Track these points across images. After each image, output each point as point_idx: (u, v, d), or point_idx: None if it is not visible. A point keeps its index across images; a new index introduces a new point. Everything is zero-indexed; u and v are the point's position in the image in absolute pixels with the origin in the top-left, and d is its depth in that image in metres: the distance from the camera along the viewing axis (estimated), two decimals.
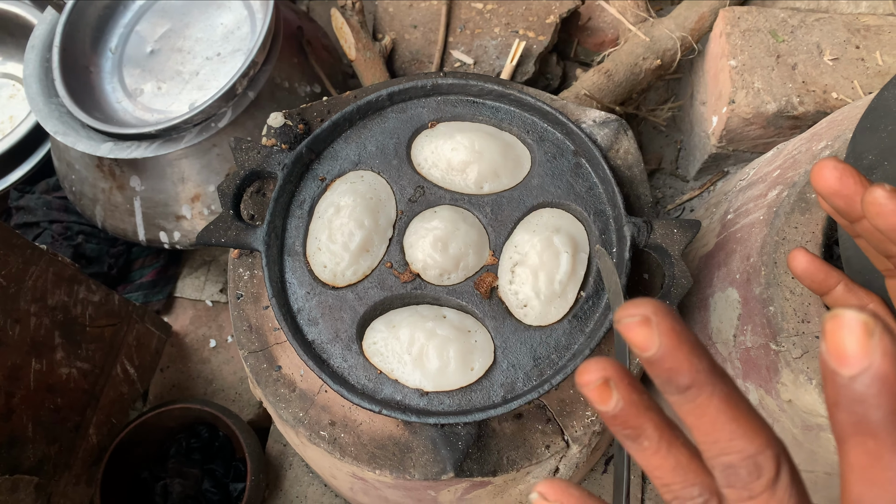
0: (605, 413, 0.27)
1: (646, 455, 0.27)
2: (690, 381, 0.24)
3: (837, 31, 1.03)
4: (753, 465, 0.25)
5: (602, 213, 0.72)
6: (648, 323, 0.24)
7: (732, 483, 0.25)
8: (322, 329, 0.69)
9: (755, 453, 0.25)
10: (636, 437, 0.27)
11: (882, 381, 0.21)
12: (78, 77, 1.03)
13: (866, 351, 0.21)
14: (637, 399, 0.26)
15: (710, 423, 0.25)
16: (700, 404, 0.25)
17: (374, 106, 0.78)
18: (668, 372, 0.25)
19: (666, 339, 0.24)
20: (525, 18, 1.12)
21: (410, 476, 0.64)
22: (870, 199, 0.33)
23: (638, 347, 0.24)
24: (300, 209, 0.74)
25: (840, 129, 0.72)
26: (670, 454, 0.27)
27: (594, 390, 0.26)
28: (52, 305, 0.87)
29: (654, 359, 0.24)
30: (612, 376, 0.26)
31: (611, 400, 0.26)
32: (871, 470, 0.22)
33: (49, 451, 0.89)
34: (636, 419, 0.27)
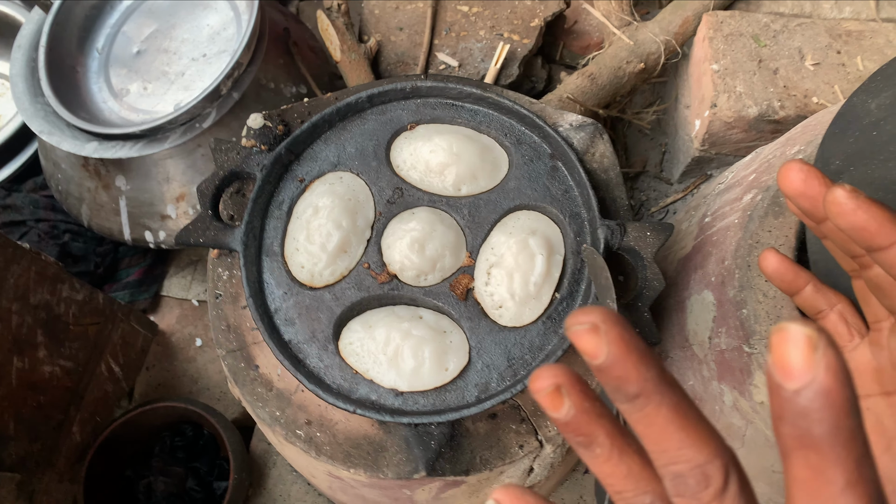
0: (558, 420, 0.27)
1: (598, 462, 0.27)
2: (639, 390, 0.24)
3: (819, 36, 1.04)
4: (702, 475, 0.25)
5: (577, 216, 0.73)
6: (597, 331, 0.24)
7: (681, 492, 0.25)
8: (299, 329, 0.69)
9: (703, 463, 0.25)
10: (588, 444, 0.27)
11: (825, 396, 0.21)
12: (64, 77, 1.04)
13: (810, 365, 0.21)
14: (589, 406, 0.26)
15: (659, 432, 0.25)
16: (648, 413, 0.25)
17: (353, 108, 0.78)
18: (617, 380, 0.25)
19: (614, 347, 0.24)
20: (510, 21, 1.12)
21: (384, 475, 0.65)
22: (830, 199, 0.34)
23: (587, 355, 0.25)
24: (279, 210, 0.74)
25: (813, 134, 0.73)
26: (622, 462, 0.27)
27: (546, 397, 0.26)
28: (35, 304, 0.87)
29: (602, 367, 0.24)
30: (563, 383, 0.26)
31: (562, 407, 0.26)
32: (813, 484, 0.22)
33: (32, 448, 0.90)
34: (588, 426, 0.27)
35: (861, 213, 0.34)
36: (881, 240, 0.34)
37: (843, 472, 0.22)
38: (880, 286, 0.40)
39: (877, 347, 0.44)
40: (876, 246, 0.34)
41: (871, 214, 0.33)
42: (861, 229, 0.34)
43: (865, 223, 0.34)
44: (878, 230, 0.34)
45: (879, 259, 0.35)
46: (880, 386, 0.44)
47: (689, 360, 0.82)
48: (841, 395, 0.21)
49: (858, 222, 0.34)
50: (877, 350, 0.44)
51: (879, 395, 0.44)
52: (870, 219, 0.33)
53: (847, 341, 0.47)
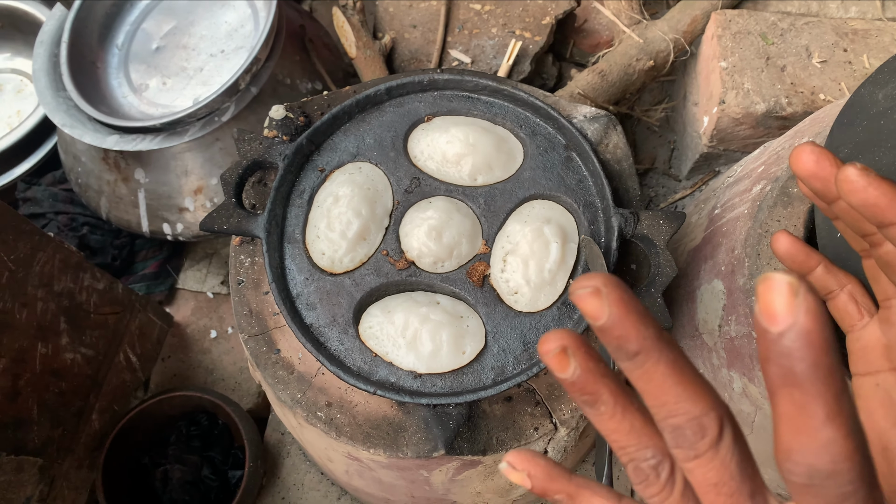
0: (565, 380, 0.28)
1: (602, 419, 0.29)
2: (638, 348, 0.26)
3: (826, 34, 1.06)
4: (698, 426, 0.26)
5: (591, 205, 0.75)
6: (599, 294, 0.25)
7: (679, 443, 0.27)
8: (320, 313, 0.71)
9: (700, 415, 0.26)
10: (593, 402, 0.29)
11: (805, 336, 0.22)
12: (85, 72, 1.06)
13: (791, 309, 0.22)
14: (593, 367, 0.28)
15: (658, 387, 0.26)
16: (648, 369, 0.26)
17: (372, 100, 0.80)
18: (618, 339, 0.26)
19: (615, 308, 0.25)
20: (522, 19, 1.14)
21: (403, 454, 0.67)
22: (842, 177, 0.35)
23: (590, 317, 0.26)
24: (300, 198, 0.76)
25: (821, 126, 0.75)
26: (625, 418, 0.29)
27: (553, 358, 0.28)
28: (58, 291, 0.89)
29: (604, 327, 0.26)
30: (569, 345, 0.28)
31: (569, 367, 0.28)
32: (797, 419, 0.24)
33: (53, 434, 0.92)
34: (593, 385, 0.28)
35: (872, 190, 0.35)
36: (892, 215, 0.35)
37: (823, 405, 0.23)
38: (890, 263, 0.41)
39: (886, 325, 0.45)
40: (887, 221, 0.36)
41: (882, 191, 0.35)
42: (872, 205, 0.35)
43: (876, 199, 0.35)
44: (889, 205, 0.35)
45: (890, 234, 0.37)
46: (890, 362, 0.45)
47: (700, 348, 0.84)
48: (820, 335, 0.22)
49: (870, 198, 0.35)
50: (886, 327, 0.45)
51: (889, 370, 0.45)
52: (881, 195, 0.35)
53: (857, 320, 0.48)
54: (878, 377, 0.46)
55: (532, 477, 0.32)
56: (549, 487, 0.32)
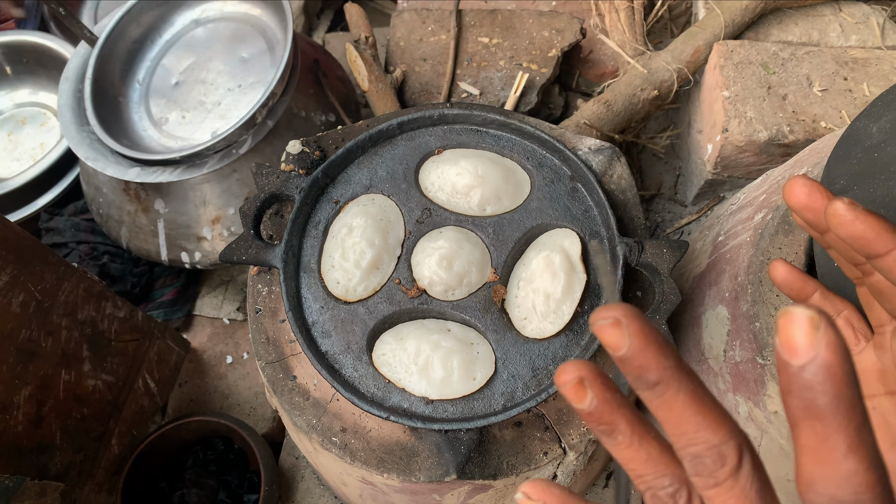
0: (582, 410, 0.29)
1: (620, 448, 0.30)
2: (658, 378, 0.27)
3: (826, 63, 1.08)
4: (717, 455, 0.27)
5: (597, 234, 0.77)
6: (619, 325, 0.26)
7: (699, 472, 0.27)
8: (335, 341, 0.74)
9: (719, 443, 0.27)
10: (610, 432, 0.29)
11: (827, 370, 0.23)
12: (107, 106, 1.10)
13: (813, 343, 0.23)
14: (610, 397, 0.29)
15: (678, 416, 0.27)
16: (668, 399, 0.27)
17: (385, 134, 0.83)
18: (638, 369, 0.27)
19: (635, 339, 0.26)
20: (528, 52, 1.18)
21: (416, 479, 0.69)
22: (831, 211, 0.37)
23: (610, 347, 0.27)
24: (315, 229, 0.79)
25: (820, 156, 0.77)
26: (642, 447, 0.29)
27: (571, 389, 0.29)
28: (82, 320, 0.92)
29: (624, 357, 0.27)
30: (586, 376, 0.29)
31: (586, 398, 0.28)
32: (819, 450, 0.24)
33: (75, 458, 0.94)
34: (610, 415, 0.29)
35: (859, 224, 0.37)
36: (878, 247, 0.37)
37: (844, 438, 0.24)
38: (881, 291, 0.43)
39: (880, 350, 0.47)
40: (874, 253, 0.38)
41: (868, 224, 0.37)
42: (859, 238, 0.37)
43: (863, 232, 0.37)
44: (875, 238, 0.37)
45: (878, 265, 0.39)
46: (885, 386, 0.47)
47: (705, 373, 0.86)
48: (841, 368, 0.23)
49: (857, 231, 0.37)
50: (880, 352, 0.47)
51: (884, 394, 0.47)
52: (867, 228, 0.37)
53: (853, 345, 0.50)
54: (873, 401, 0.47)
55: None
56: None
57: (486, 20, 1.23)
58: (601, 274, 0.68)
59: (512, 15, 1.23)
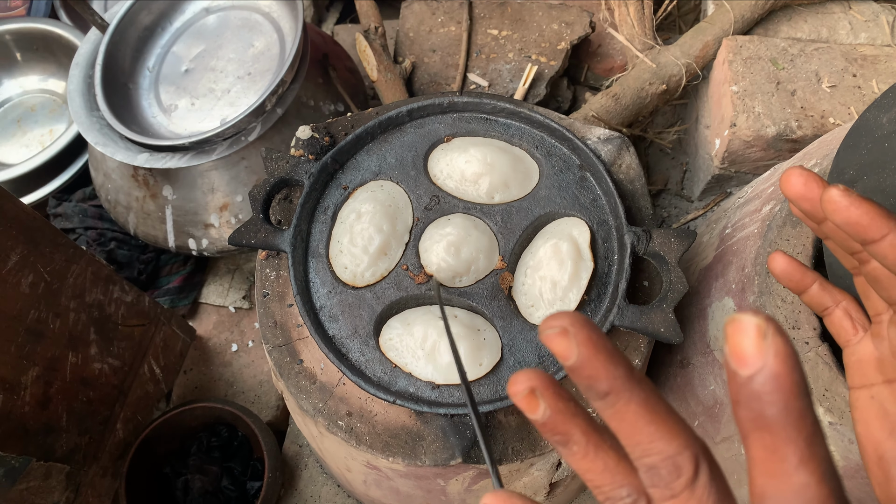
0: (536, 421, 0.28)
1: (576, 458, 0.29)
2: (608, 388, 0.26)
3: (835, 60, 1.08)
4: (673, 466, 0.26)
5: (605, 223, 0.77)
6: (566, 334, 0.26)
7: (655, 483, 0.27)
8: (342, 325, 0.74)
9: (674, 454, 0.26)
10: (565, 442, 0.28)
11: (775, 380, 0.22)
12: (117, 93, 1.10)
13: (760, 352, 0.22)
14: (563, 407, 0.28)
15: (630, 426, 0.26)
16: (619, 409, 0.26)
17: (394, 121, 0.84)
18: (588, 379, 0.26)
19: (584, 348, 0.25)
20: (538, 44, 1.18)
21: (421, 462, 0.69)
22: (826, 198, 0.37)
23: (559, 357, 0.26)
24: (324, 215, 0.79)
25: (829, 149, 0.77)
26: (598, 457, 0.28)
27: (523, 399, 0.28)
28: (89, 303, 0.92)
29: (574, 367, 0.26)
30: (537, 386, 0.28)
31: (538, 409, 0.28)
32: (769, 462, 0.24)
33: (80, 441, 0.94)
34: (563, 425, 0.28)
35: (854, 209, 0.37)
36: (873, 232, 0.37)
37: (794, 450, 0.23)
38: (878, 279, 0.43)
39: (878, 339, 0.47)
40: (869, 238, 0.38)
41: (863, 210, 0.37)
42: (854, 224, 0.37)
43: (858, 218, 0.37)
44: (870, 223, 0.37)
45: (874, 251, 0.38)
46: (883, 375, 0.47)
47: (711, 365, 0.86)
48: (789, 378, 0.22)
49: (852, 217, 0.37)
50: (878, 341, 0.47)
51: (882, 383, 0.47)
52: (862, 213, 0.37)
53: (852, 335, 0.50)
54: (872, 390, 0.47)
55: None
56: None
57: (495, 12, 1.23)
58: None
59: (522, 7, 1.23)
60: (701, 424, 0.88)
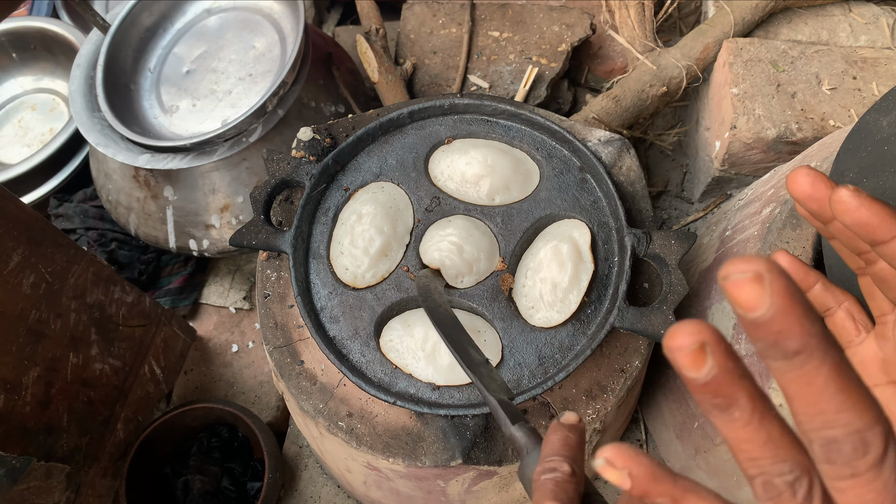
0: (694, 380, 0.25)
1: (735, 427, 0.25)
2: (801, 346, 0.23)
3: (836, 62, 1.08)
4: (860, 441, 0.23)
5: (605, 225, 0.77)
6: (760, 280, 0.23)
7: (833, 459, 0.24)
8: (343, 326, 0.74)
9: (863, 429, 0.23)
10: (727, 406, 0.25)
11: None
12: (119, 94, 1.10)
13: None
14: (732, 367, 0.24)
15: (817, 392, 0.24)
16: (808, 372, 0.23)
17: (395, 123, 0.84)
18: (778, 335, 0.23)
19: (779, 298, 0.23)
20: (538, 46, 1.18)
21: (422, 463, 0.69)
22: (836, 198, 0.37)
23: (745, 307, 0.23)
24: (325, 216, 0.80)
25: (829, 151, 0.77)
26: (762, 427, 0.25)
27: (687, 356, 0.24)
28: (90, 303, 0.93)
29: (762, 320, 0.23)
30: (708, 341, 0.24)
31: (704, 367, 0.24)
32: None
33: (81, 441, 0.95)
34: (730, 387, 0.25)
35: (864, 210, 0.37)
36: (883, 233, 0.37)
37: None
38: (885, 279, 0.43)
39: (882, 339, 0.47)
40: (879, 239, 0.38)
41: (873, 210, 0.37)
42: (864, 224, 0.37)
43: (868, 219, 0.37)
44: (880, 224, 0.37)
45: (882, 252, 0.39)
46: (887, 375, 0.47)
47: None
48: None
49: (862, 218, 0.37)
50: (882, 342, 0.47)
51: (886, 384, 0.47)
52: (872, 214, 0.37)
53: (854, 336, 0.50)
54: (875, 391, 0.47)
55: (633, 477, 0.28)
56: (652, 490, 0.28)
57: (496, 14, 1.23)
58: None
59: (522, 9, 1.23)
60: (701, 426, 0.88)
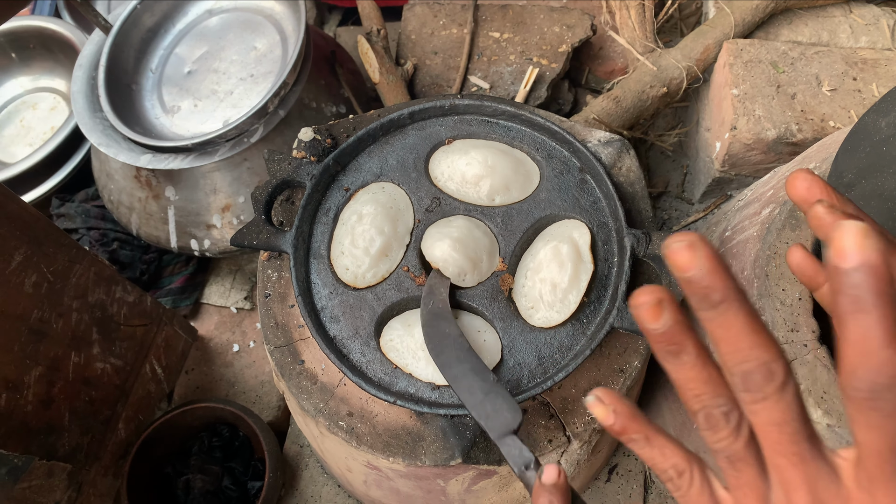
0: (654, 331, 0.31)
1: (684, 369, 0.32)
2: (723, 297, 0.29)
3: (836, 63, 1.09)
4: (767, 371, 0.29)
5: (605, 226, 0.77)
6: (693, 248, 0.29)
7: (749, 387, 0.30)
8: (343, 326, 0.74)
9: (769, 360, 0.29)
10: (678, 352, 0.31)
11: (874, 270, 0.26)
12: (121, 94, 1.11)
13: (863, 248, 0.26)
14: (682, 319, 0.31)
15: (736, 333, 0.29)
16: (729, 317, 0.29)
17: (396, 123, 0.84)
18: (706, 289, 0.29)
19: (706, 261, 0.29)
20: (539, 47, 1.18)
21: (421, 462, 0.69)
22: (812, 214, 0.38)
23: (680, 268, 0.29)
24: (326, 216, 0.80)
25: (828, 152, 0.78)
26: (705, 369, 0.31)
27: (648, 309, 0.30)
28: (92, 303, 0.93)
29: (694, 278, 0.29)
30: (664, 298, 0.30)
31: (661, 318, 0.30)
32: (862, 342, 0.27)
33: (82, 441, 0.95)
34: (681, 335, 0.31)
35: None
36: None
37: (884, 330, 0.26)
38: None
39: None
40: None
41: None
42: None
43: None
44: None
45: None
46: None
47: None
48: (884, 270, 0.26)
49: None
50: None
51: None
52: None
53: None
54: None
55: (616, 413, 0.35)
56: (629, 426, 0.35)
57: (497, 15, 1.23)
58: None
59: (523, 10, 1.24)
60: None
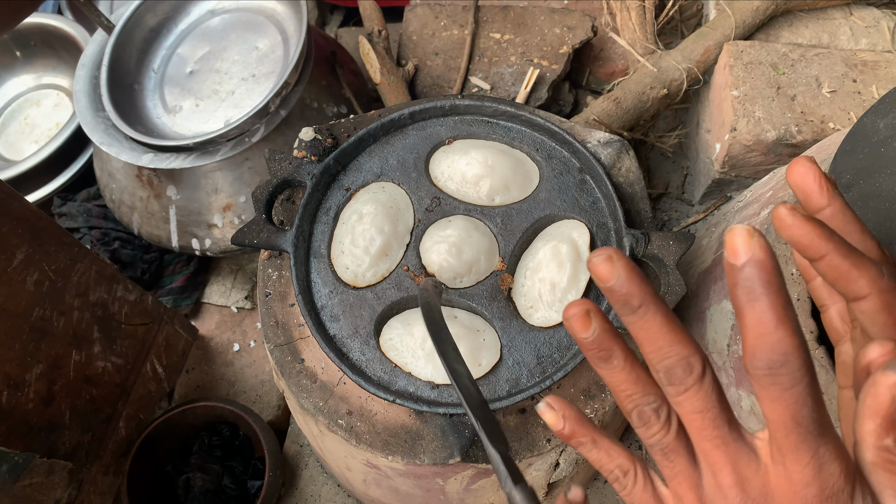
0: (585, 339, 0.34)
1: (615, 372, 0.35)
2: (641, 302, 0.32)
3: (836, 65, 1.09)
4: (687, 364, 0.32)
5: (604, 226, 0.78)
6: (612, 260, 0.32)
7: (672, 381, 0.33)
8: (343, 325, 0.75)
9: (688, 355, 0.32)
10: (608, 357, 0.35)
11: (761, 264, 0.29)
12: (123, 93, 1.11)
13: (749, 246, 0.29)
14: (609, 328, 0.34)
15: (655, 333, 0.32)
16: (648, 320, 0.32)
17: (396, 123, 0.84)
18: (625, 296, 0.32)
19: (623, 271, 0.32)
20: (540, 48, 1.19)
21: (420, 461, 0.69)
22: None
23: (602, 279, 0.32)
24: (326, 215, 0.80)
25: (827, 154, 0.78)
26: (633, 370, 0.35)
27: (578, 320, 0.34)
28: (93, 301, 0.93)
29: (614, 287, 0.32)
30: (591, 309, 0.34)
31: (591, 327, 0.34)
32: (758, 326, 0.30)
33: (83, 439, 0.95)
34: (609, 342, 0.34)
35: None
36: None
37: (775, 313, 0.30)
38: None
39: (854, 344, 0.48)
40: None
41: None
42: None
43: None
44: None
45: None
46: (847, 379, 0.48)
47: None
48: (769, 263, 0.29)
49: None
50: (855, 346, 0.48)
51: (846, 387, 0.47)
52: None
53: (842, 335, 0.50)
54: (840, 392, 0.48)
55: (566, 419, 0.39)
56: (578, 430, 0.39)
57: (498, 16, 1.24)
58: None
59: (524, 11, 1.24)
60: None
